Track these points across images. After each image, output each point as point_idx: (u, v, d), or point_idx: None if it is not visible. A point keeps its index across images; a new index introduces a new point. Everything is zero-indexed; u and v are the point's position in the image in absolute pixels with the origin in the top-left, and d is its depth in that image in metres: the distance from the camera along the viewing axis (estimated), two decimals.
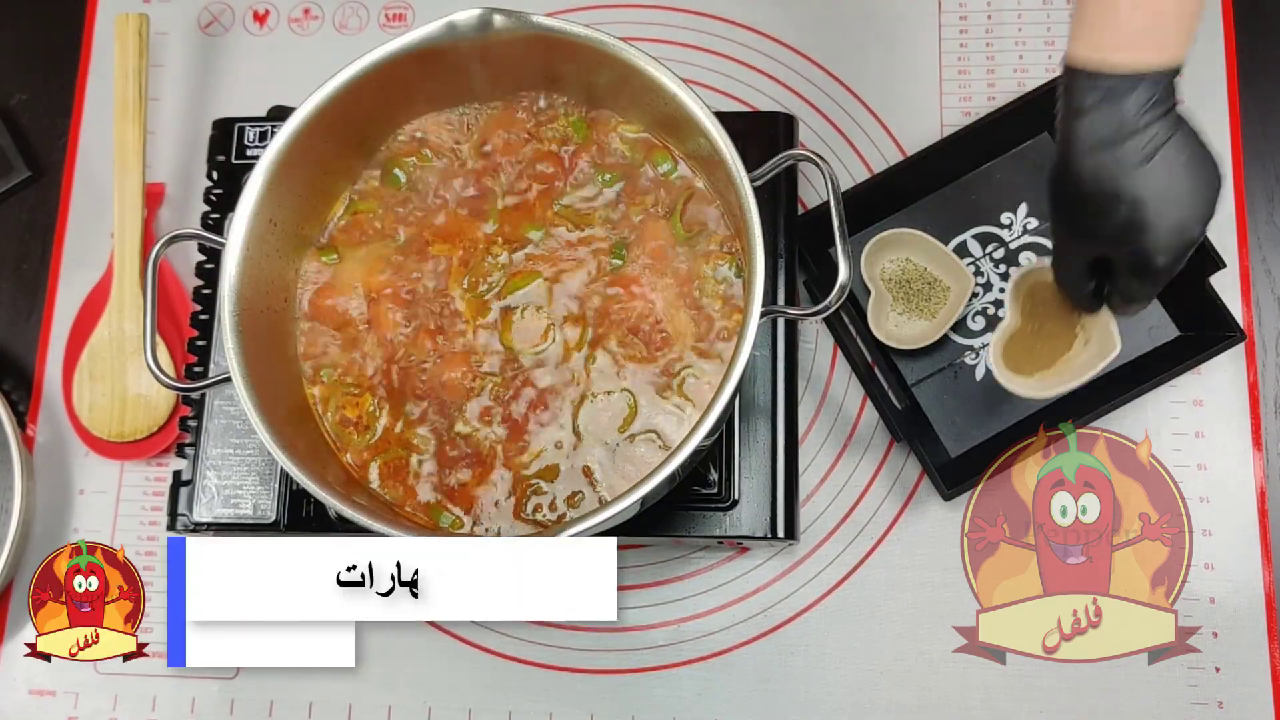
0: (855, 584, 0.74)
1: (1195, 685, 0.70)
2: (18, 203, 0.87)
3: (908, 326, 0.76)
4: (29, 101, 0.89)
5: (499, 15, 0.61)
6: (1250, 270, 0.77)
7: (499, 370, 0.65)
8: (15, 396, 0.82)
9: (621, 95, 0.66)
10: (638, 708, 0.73)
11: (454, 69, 0.65)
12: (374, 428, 0.65)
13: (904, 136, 0.81)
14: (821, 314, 0.58)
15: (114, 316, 0.80)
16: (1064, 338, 0.69)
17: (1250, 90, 0.80)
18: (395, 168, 0.69)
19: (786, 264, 0.70)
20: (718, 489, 0.67)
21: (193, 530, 0.70)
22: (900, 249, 0.77)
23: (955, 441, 0.75)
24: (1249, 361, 0.75)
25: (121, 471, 0.81)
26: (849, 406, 0.77)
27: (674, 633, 0.74)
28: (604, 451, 0.63)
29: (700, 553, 0.75)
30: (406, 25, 0.88)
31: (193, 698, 0.76)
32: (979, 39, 0.83)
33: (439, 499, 0.63)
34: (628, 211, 0.67)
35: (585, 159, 0.68)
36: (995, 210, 0.78)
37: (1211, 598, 0.71)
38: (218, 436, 0.71)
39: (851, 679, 0.72)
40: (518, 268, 0.67)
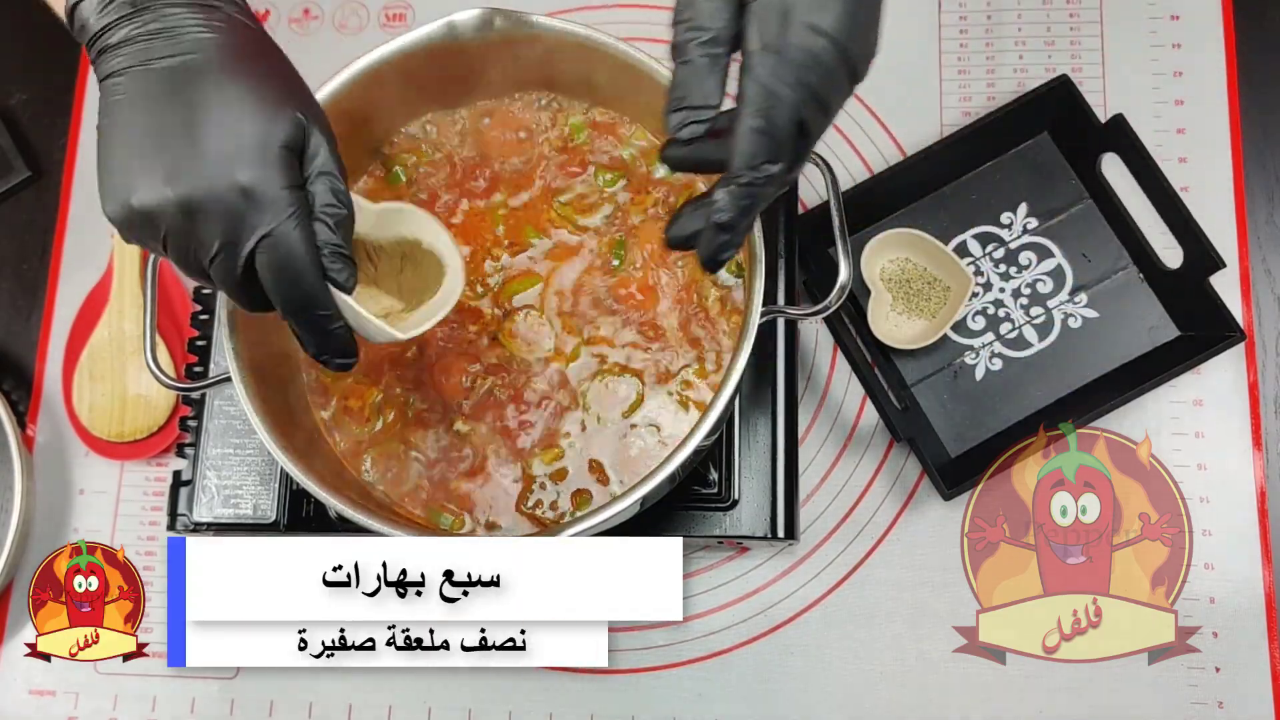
0: (855, 584, 0.74)
1: (1195, 685, 0.70)
2: (18, 203, 0.87)
3: (908, 326, 0.76)
4: (29, 101, 0.89)
5: (499, 15, 0.62)
6: (1250, 270, 0.77)
7: (498, 370, 0.65)
8: (15, 396, 0.82)
9: (621, 95, 0.66)
10: (638, 708, 0.73)
11: (454, 69, 0.65)
12: (374, 421, 0.65)
13: (904, 136, 0.81)
14: (821, 314, 0.58)
15: (114, 316, 0.80)
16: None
17: (1250, 90, 0.80)
18: (395, 166, 0.69)
19: (786, 264, 0.70)
20: (718, 489, 0.67)
21: (193, 530, 0.70)
22: (900, 249, 0.77)
23: (955, 441, 0.75)
24: (1249, 361, 0.75)
25: (121, 471, 0.81)
26: (849, 406, 0.77)
27: (674, 632, 0.74)
28: (604, 450, 0.63)
29: (700, 553, 0.75)
30: (406, 25, 0.88)
31: (193, 698, 0.76)
32: (979, 39, 0.83)
33: (438, 498, 0.63)
34: (628, 212, 0.67)
35: (585, 159, 0.68)
36: (995, 210, 0.78)
37: (1211, 598, 0.71)
38: (218, 436, 0.71)
39: (851, 679, 0.72)
40: (517, 269, 0.67)
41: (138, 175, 0.47)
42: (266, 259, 0.48)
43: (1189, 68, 0.80)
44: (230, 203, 0.47)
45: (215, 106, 0.47)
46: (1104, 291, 0.76)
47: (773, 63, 0.45)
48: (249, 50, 0.50)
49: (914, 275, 0.77)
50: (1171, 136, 0.79)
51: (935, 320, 0.76)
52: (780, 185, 0.48)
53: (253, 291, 0.50)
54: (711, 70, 0.47)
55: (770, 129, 0.45)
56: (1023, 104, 0.76)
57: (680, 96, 0.48)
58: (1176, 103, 0.79)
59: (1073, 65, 0.81)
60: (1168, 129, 0.79)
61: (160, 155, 0.47)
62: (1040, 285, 0.77)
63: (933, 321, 0.76)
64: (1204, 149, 0.78)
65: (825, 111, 0.46)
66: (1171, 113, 0.79)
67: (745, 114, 0.45)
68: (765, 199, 0.48)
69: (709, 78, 0.47)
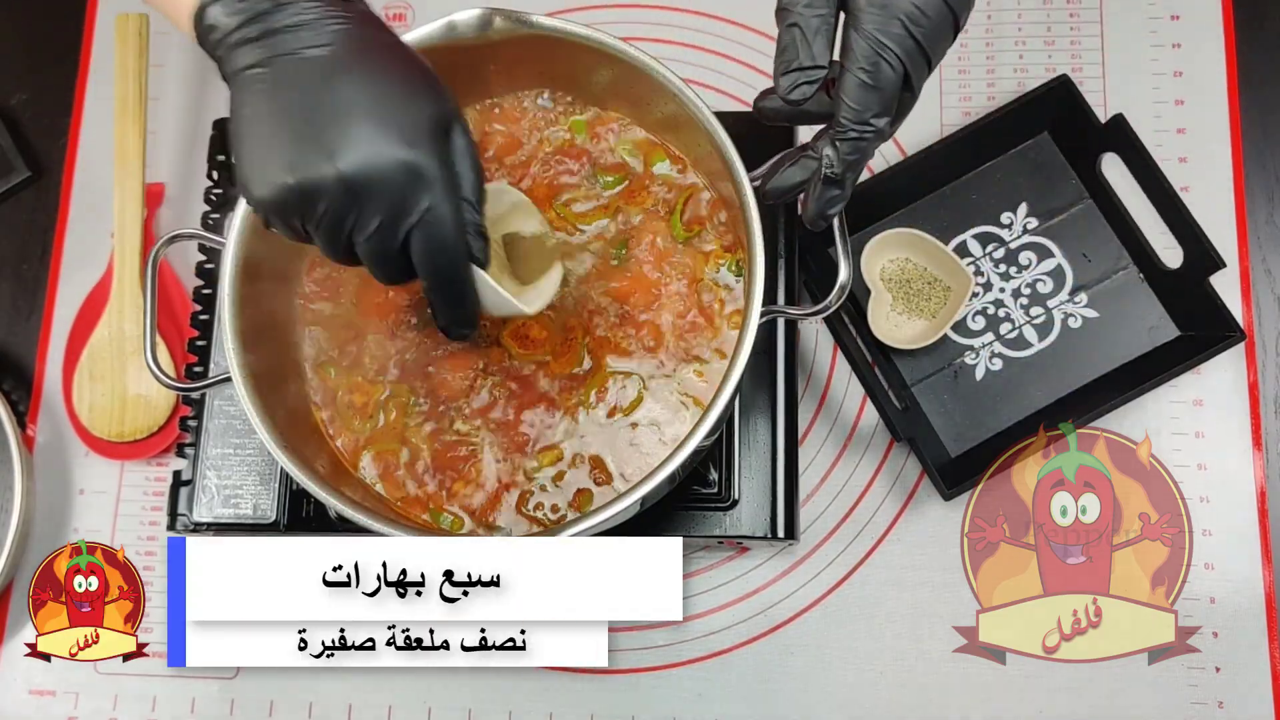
0: (855, 584, 0.74)
1: (1195, 685, 0.70)
2: (18, 203, 0.87)
3: (908, 326, 0.76)
4: (29, 101, 0.89)
5: (499, 15, 0.61)
6: (1250, 270, 0.77)
7: (499, 371, 0.65)
8: (15, 396, 0.82)
9: (622, 95, 0.66)
10: (638, 708, 0.73)
11: (454, 69, 0.65)
12: (375, 417, 0.65)
13: (904, 136, 0.81)
14: (821, 314, 0.58)
15: (114, 316, 0.80)
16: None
17: (1250, 90, 0.80)
18: None
19: (786, 264, 0.70)
20: (718, 489, 0.67)
21: (193, 530, 0.70)
22: (900, 249, 0.77)
23: (955, 441, 0.75)
24: (1249, 361, 0.75)
25: (121, 471, 0.81)
26: (849, 406, 0.77)
27: (674, 633, 0.74)
28: (604, 450, 0.63)
29: (700, 553, 0.75)
30: (406, 25, 0.88)
31: (193, 698, 0.76)
32: (979, 39, 0.83)
33: (439, 497, 0.63)
34: (628, 211, 0.67)
35: (585, 159, 0.68)
36: (995, 210, 0.78)
37: (1211, 598, 0.71)
38: (218, 436, 0.71)
39: (851, 679, 0.72)
40: None
41: (295, 154, 0.47)
42: (424, 235, 0.49)
43: (1189, 68, 0.80)
44: (396, 179, 0.48)
45: (372, 88, 0.48)
46: (1104, 291, 0.76)
47: (879, 17, 0.46)
48: (387, 39, 0.52)
49: (914, 275, 0.77)
50: (1171, 136, 0.79)
51: (935, 320, 0.76)
52: (884, 139, 0.49)
53: (399, 265, 0.51)
54: (820, 30, 0.49)
55: (878, 82, 0.47)
56: (1023, 104, 0.76)
57: (789, 59, 0.49)
58: (1176, 103, 0.79)
59: (1073, 65, 0.81)
60: (1168, 129, 0.79)
61: (322, 134, 0.47)
62: (1040, 285, 0.77)
63: (933, 321, 0.76)
64: (1204, 149, 0.78)
65: (929, 63, 0.48)
66: (1171, 113, 0.79)
67: (853, 68, 0.47)
68: (871, 153, 0.50)
69: (817, 38, 0.49)
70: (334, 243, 0.50)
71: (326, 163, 0.47)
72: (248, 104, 0.49)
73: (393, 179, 0.48)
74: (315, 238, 0.50)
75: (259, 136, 0.49)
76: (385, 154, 0.47)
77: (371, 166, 0.47)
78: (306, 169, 0.47)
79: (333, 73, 0.48)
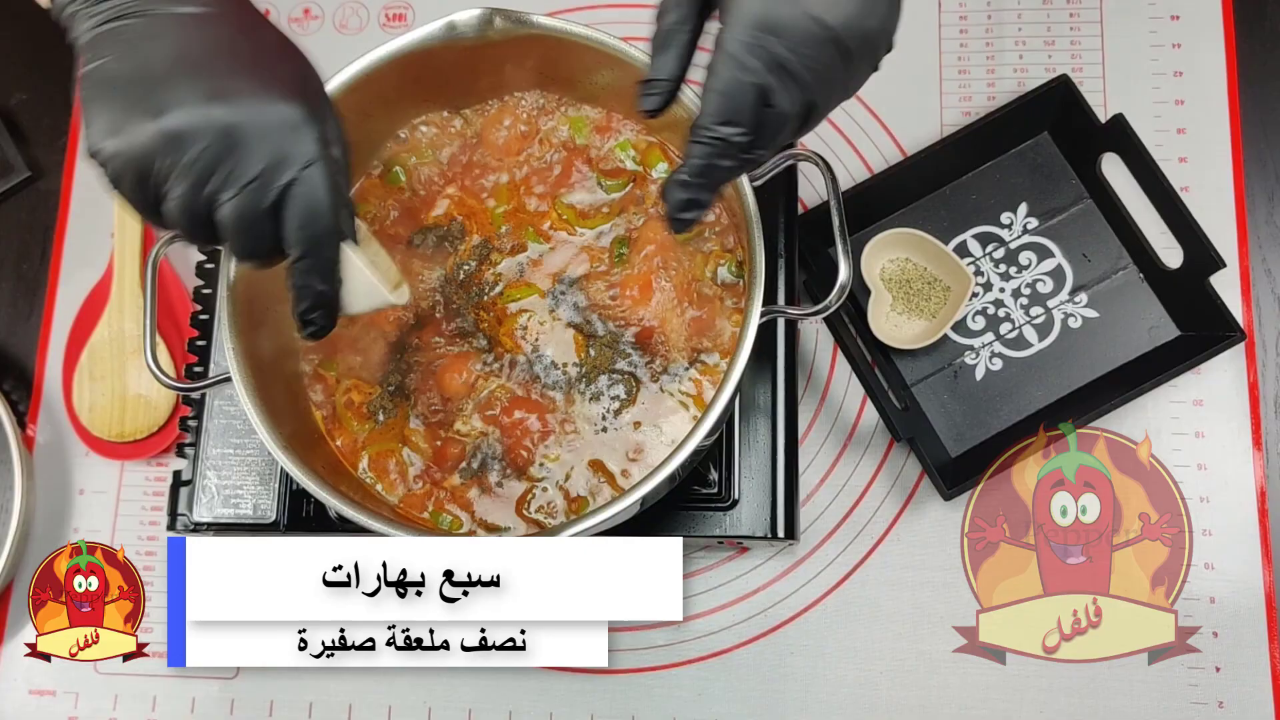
0: (855, 584, 0.74)
1: (1195, 685, 0.70)
2: (18, 203, 0.87)
3: (908, 326, 0.76)
4: (29, 101, 0.89)
5: (499, 15, 0.62)
6: (1250, 270, 0.77)
7: (500, 371, 0.65)
8: (15, 396, 0.82)
9: (622, 95, 0.66)
10: (638, 708, 0.73)
11: (454, 69, 0.65)
12: (374, 417, 0.65)
13: (904, 136, 0.81)
14: (821, 314, 0.58)
15: (114, 316, 0.80)
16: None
17: (1250, 90, 0.80)
18: (395, 166, 0.69)
19: (786, 264, 0.70)
20: (718, 489, 0.67)
21: (193, 530, 0.70)
22: (900, 249, 0.77)
23: (955, 441, 0.75)
24: (1249, 361, 0.75)
25: (121, 471, 0.81)
26: (849, 406, 0.77)
27: (674, 632, 0.74)
28: (604, 450, 0.63)
29: (700, 553, 0.75)
30: (406, 25, 0.88)
31: (193, 698, 0.76)
32: (979, 39, 0.83)
33: (438, 498, 0.63)
34: (628, 212, 0.67)
35: (585, 159, 0.68)
36: (995, 210, 0.78)
37: (1211, 598, 0.71)
38: (218, 436, 0.71)
39: (851, 679, 0.72)
40: (517, 269, 0.67)
41: (170, 97, 0.44)
42: (301, 192, 0.46)
43: (1189, 68, 0.80)
44: (280, 127, 0.45)
45: (256, 39, 0.47)
46: (1104, 291, 0.76)
47: (738, 26, 0.46)
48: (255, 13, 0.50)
49: (914, 275, 0.77)
50: (1171, 136, 0.79)
51: (935, 320, 0.76)
52: (747, 155, 0.48)
53: (265, 229, 0.47)
54: (670, 42, 0.50)
55: (727, 90, 0.46)
56: (1023, 104, 0.76)
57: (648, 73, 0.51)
58: (1176, 103, 0.79)
59: (1073, 65, 0.81)
60: (1168, 129, 0.79)
61: (198, 78, 0.45)
62: (1040, 285, 0.77)
63: (933, 321, 0.76)
64: (1204, 149, 0.78)
65: (797, 82, 0.46)
66: (1171, 113, 0.79)
67: (710, 73, 0.47)
68: (725, 171, 0.49)
69: (668, 50, 0.50)
70: (191, 200, 0.45)
71: (205, 105, 0.44)
72: (104, 48, 0.45)
73: (277, 126, 0.45)
74: (171, 198, 0.46)
75: (122, 85, 0.45)
76: (272, 102, 0.45)
77: (256, 113, 0.44)
78: (180, 113, 0.44)
79: (209, 23, 0.46)
